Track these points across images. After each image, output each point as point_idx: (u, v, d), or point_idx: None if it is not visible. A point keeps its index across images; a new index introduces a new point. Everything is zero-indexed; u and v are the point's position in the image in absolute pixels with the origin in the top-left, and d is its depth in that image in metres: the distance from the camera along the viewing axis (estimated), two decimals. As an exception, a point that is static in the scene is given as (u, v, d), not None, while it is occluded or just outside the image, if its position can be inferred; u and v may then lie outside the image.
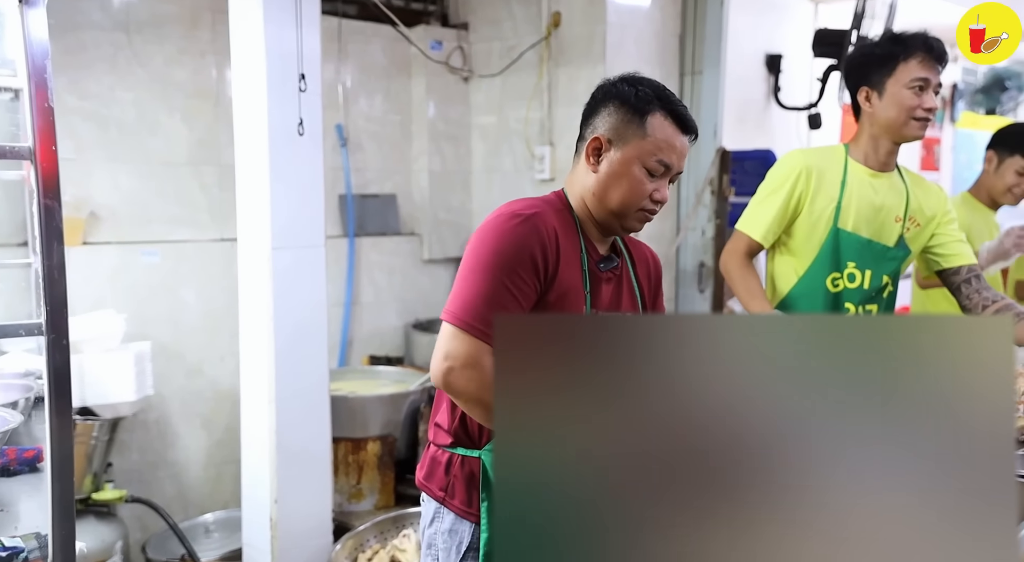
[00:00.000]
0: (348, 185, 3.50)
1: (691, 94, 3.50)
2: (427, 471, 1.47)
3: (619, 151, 1.37)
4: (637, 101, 1.36)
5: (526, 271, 1.29)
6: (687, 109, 1.40)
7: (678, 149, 1.37)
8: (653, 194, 1.38)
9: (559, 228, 1.35)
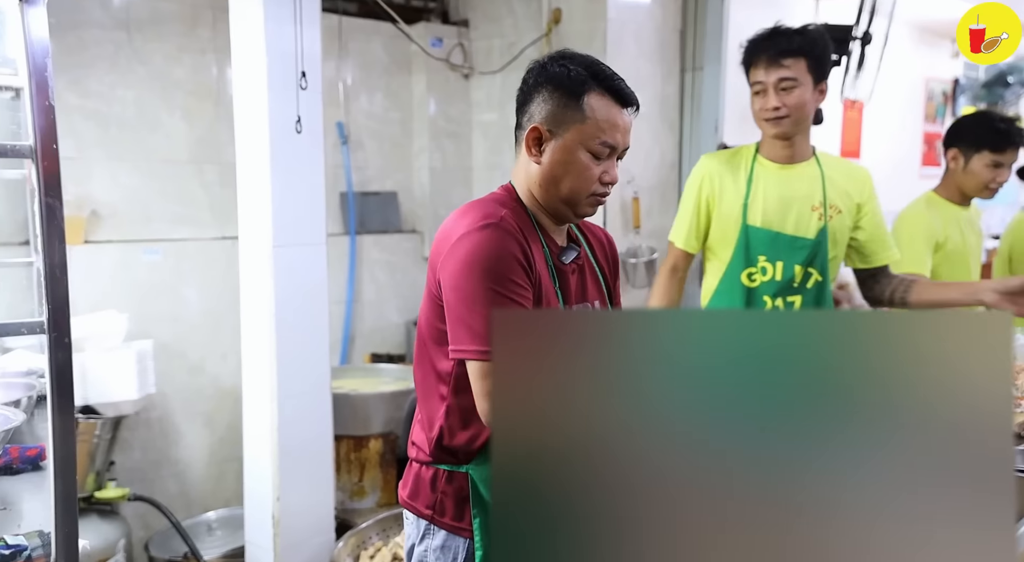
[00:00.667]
0: (349, 183, 3.50)
1: (692, 90, 3.49)
2: (411, 490, 1.41)
3: (560, 138, 1.31)
4: (571, 82, 1.29)
5: (518, 276, 1.24)
6: (623, 81, 1.34)
7: (620, 126, 1.32)
8: (602, 177, 1.32)
9: (523, 225, 1.30)
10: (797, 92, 1.99)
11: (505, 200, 1.36)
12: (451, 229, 1.30)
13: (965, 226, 2.67)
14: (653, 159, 3.41)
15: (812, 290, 2.09)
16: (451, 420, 1.34)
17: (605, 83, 1.31)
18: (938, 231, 2.61)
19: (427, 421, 1.39)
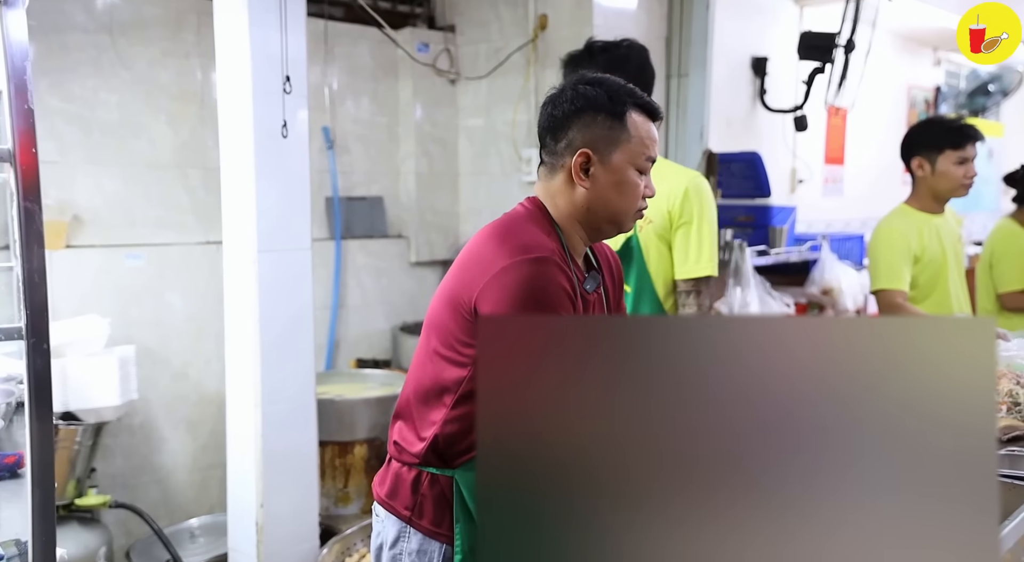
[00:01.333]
0: (335, 187, 3.49)
1: (677, 96, 3.51)
2: (390, 488, 1.40)
3: (608, 160, 1.33)
4: (612, 104, 1.33)
5: (567, 311, 1.25)
6: (650, 96, 1.40)
7: (656, 140, 1.38)
8: (645, 192, 1.37)
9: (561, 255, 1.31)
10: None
11: (541, 222, 1.34)
12: (494, 255, 1.27)
13: (943, 234, 2.69)
14: (639, 165, 3.42)
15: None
16: (449, 428, 1.34)
17: (639, 101, 1.35)
18: (914, 243, 2.63)
19: (420, 424, 1.38)
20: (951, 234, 2.73)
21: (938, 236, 2.67)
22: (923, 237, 2.64)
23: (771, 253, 3.71)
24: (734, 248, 3.49)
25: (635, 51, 2.01)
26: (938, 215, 2.70)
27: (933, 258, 2.65)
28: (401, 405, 1.43)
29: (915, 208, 2.70)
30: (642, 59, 1.99)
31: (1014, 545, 1.43)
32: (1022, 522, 1.35)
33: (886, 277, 2.61)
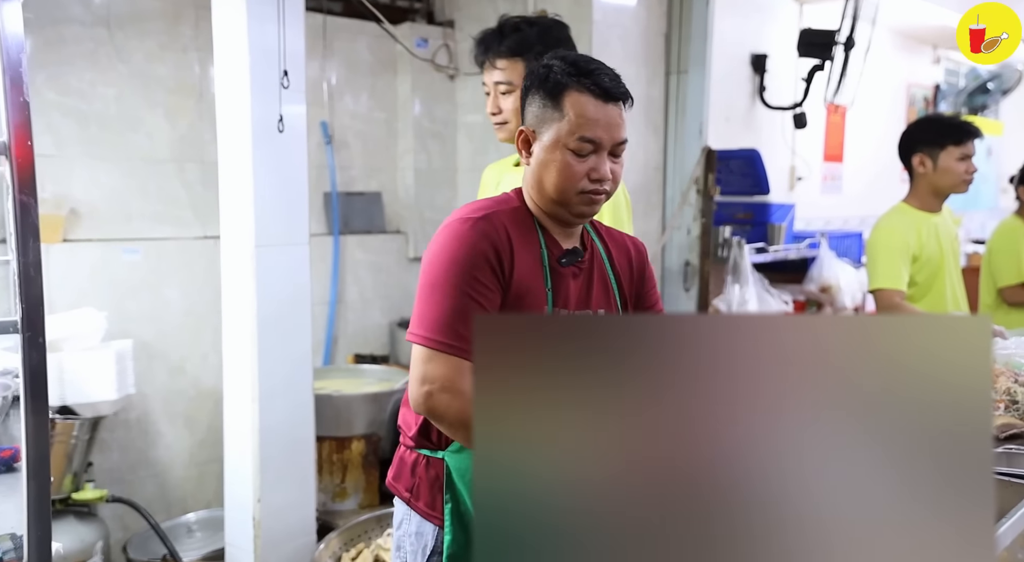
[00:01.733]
0: (333, 183, 3.48)
1: (676, 93, 3.50)
2: (395, 471, 1.45)
3: (543, 138, 1.31)
4: (552, 84, 1.30)
5: (484, 275, 1.26)
6: (609, 76, 1.31)
7: (602, 121, 1.29)
8: (590, 174, 1.30)
9: (512, 226, 1.31)
10: (512, 97, 1.82)
11: (507, 199, 1.38)
12: (445, 221, 1.34)
13: (941, 232, 2.69)
14: (638, 161, 3.42)
15: None
16: None
17: (588, 79, 1.29)
18: (913, 242, 2.63)
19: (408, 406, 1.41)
20: (949, 233, 2.74)
21: (936, 235, 2.67)
22: (921, 236, 2.64)
23: (769, 250, 3.72)
24: (732, 245, 3.49)
25: (548, 30, 1.87)
26: (936, 214, 2.70)
27: (931, 257, 2.65)
28: (403, 395, 1.47)
29: (914, 206, 2.70)
30: (554, 39, 1.87)
31: (1011, 543, 1.43)
32: (1019, 520, 1.35)
33: (884, 276, 2.61)
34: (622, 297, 1.46)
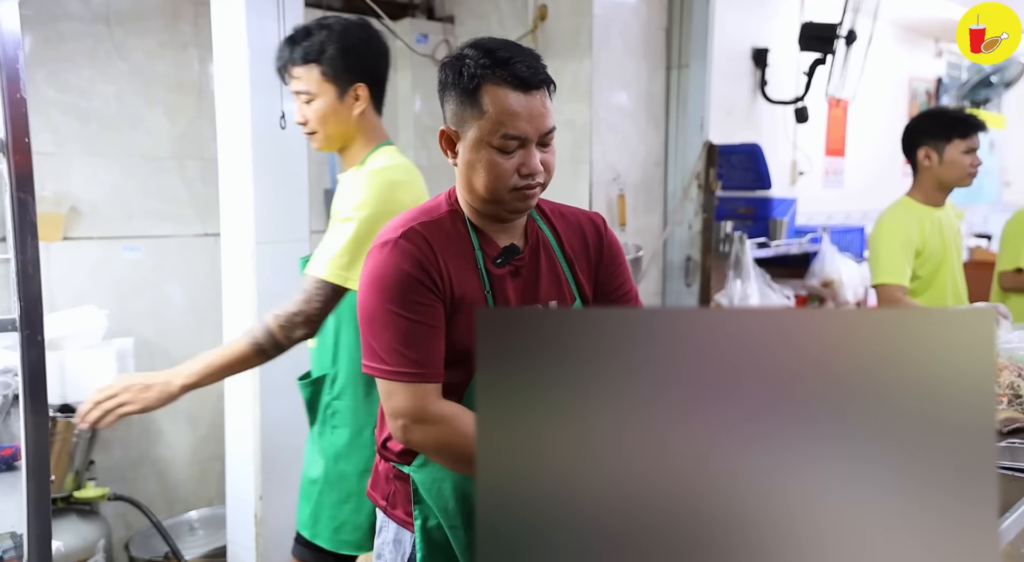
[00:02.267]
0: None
1: (677, 88, 3.49)
2: (372, 480, 1.45)
3: (465, 138, 1.23)
4: (465, 78, 1.21)
5: (418, 293, 1.21)
6: (526, 62, 1.21)
7: (523, 114, 1.20)
8: (520, 169, 1.22)
9: (436, 236, 1.25)
10: (315, 104, 1.74)
11: (434, 206, 1.32)
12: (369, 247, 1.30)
13: (944, 227, 2.68)
14: (639, 157, 3.41)
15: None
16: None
17: (501, 70, 1.19)
18: (916, 236, 2.62)
19: (382, 417, 1.39)
20: (951, 227, 2.73)
21: (939, 229, 2.67)
22: (924, 230, 2.63)
23: (771, 245, 3.71)
24: (734, 240, 3.49)
25: (345, 32, 1.74)
26: (939, 208, 2.69)
27: (933, 252, 2.65)
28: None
29: (917, 200, 2.69)
30: (354, 41, 1.74)
31: (1015, 537, 1.42)
32: (1022, 515, 1.34)
33: (887, 271, 2.60)
34: (577, 283, 1.37)
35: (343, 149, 1.82)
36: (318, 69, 1.73)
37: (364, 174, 1.73)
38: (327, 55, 1.72)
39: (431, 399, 1.22)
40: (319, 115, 1.75)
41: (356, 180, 1.73)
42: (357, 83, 1.75)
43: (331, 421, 1.82)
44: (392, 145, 1.86)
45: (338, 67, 1.73)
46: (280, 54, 1.79)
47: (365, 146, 1.81)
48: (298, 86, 1.75)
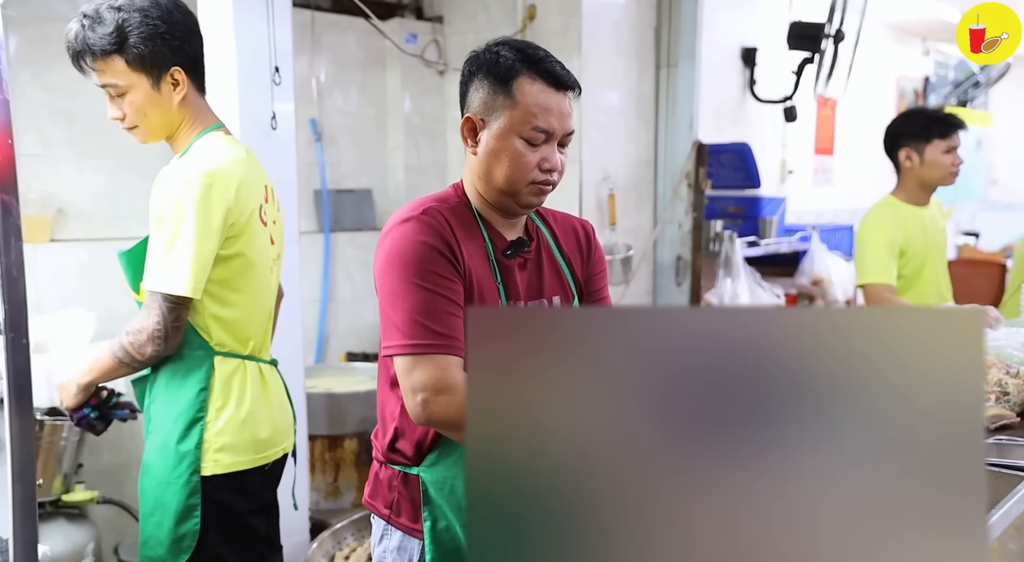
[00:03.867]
0: (323, 180, 3.46)
1: (667, 87, 3.50)
2: (371, 489, 1.41)
3: (492, 126, 1.26)
4: (500, 69, 1.25)
5: (441, 267, 1.21)
6: (559, 64, 1.28)
7: (555, 110, 1.25)
8: (541, 164, 1.26)
9: (454, 221, 1.27)
10: (129, 97, 1.60)
11: (446, 196, 1.33)
12: (384, 227, 1.29)
13: (928, 226, 2.70)
14: (629, 156, 3.41)
15: None
16: (404, 420, 1.32)
17: (537, 66, 1.25)
18: (900, 236, 2.63)
19: (383, 421, 1.38)
20: (936, 226, 2.74)
21: (923, 228, 2.68)
22: (908, 229, 2.65)
23: (761, 244, 3.72)
24: (724, 239, 3.49)
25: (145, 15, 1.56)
26: (924, 207, 2.71)
27: (917, 251, 2.66)
28: (377, 404, 1.43)
29: (901, 200, 2.70)
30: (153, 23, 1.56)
31: (1001, 533, 1.43)
32: (1009, 510, 1.35)
33: (873, 271, 2.61)
34: (575, 281, 1.42)
35: (170, 137, 1.70)
36: (122, 59, 1.56)
37: (177, 174, 1.58)
38: (129, 43, 1.55)
39: (453, 370, 1.18)
40: (136, 108, 1.61)
41: (173, 177, 1.58)
42: (172, 67, 1.61)
43: (148, 427, 1.69)
44: (219, 129, 1.71)
45: (144, 54, 1.57)
46: (71, 43, 1.59)
47: (189, 133, 1.68)
48: (104, 79, 1.59)
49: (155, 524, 1.61)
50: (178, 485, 1.60)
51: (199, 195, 1.54)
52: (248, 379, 1.68)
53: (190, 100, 1.66)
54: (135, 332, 1.56)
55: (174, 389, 1.62)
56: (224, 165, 1.60)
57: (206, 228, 1.54)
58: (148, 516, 1.63)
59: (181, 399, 1.62)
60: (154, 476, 1.63)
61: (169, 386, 1.63)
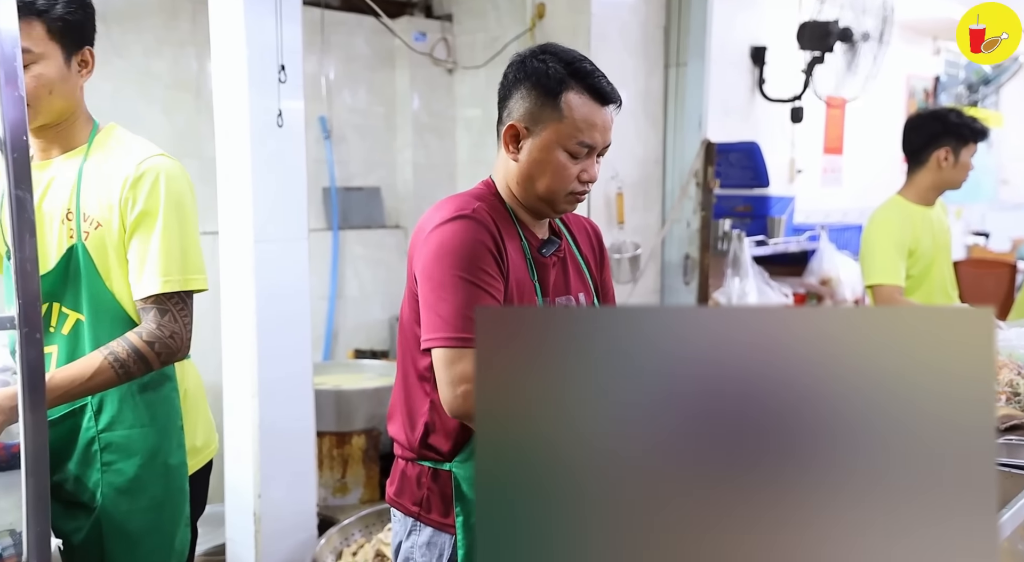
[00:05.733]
0: (332, 178, 3.47)
1: (676, 86, 3.49)
2: (398, 487, 1.41)
3: (537, 137, 1.29)
4: (549, 80, 1.28)
5: (489, 265, 1.24)
6: (605, 78, 1.31)
7: (599, 125, 1.30)
8: (580, 175, 1.31)
9: (497, 218, 1.30)
10: (38, 68, 1.38)
11: (483, 194, 1.36)
12: (426, 222, 1.31)
13: (935, 226, 2.69)
14: (637, 155, 3.41)
15: (70, 337, 1.46)
16: (434, 416, 1.33)
17: (585, 81, 1.29)
18: (908, 237, 2.62)
19: (410, 418, 1.38)
20: (942, 226, 2.74)
21: (931, 228, 2.67)
22: (916, 229, 2.64)
23: (769, 243, 3.71)
24: (732, 238, 3.49)
25: None
26: (931, 207, 2.70)
27: (925, 251, 2.65)
28: (394, 401, 1.43)
29: (909, 200, 2.69)
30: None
31: (1011, 533, 1.43)
32: (1019, 511, 1.35)
33: (881, 272, 2.60)
34: (593, 279, 1.47)
35: (56, 125, 1.47)
36: (42, 24, 1.38)
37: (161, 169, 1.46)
38: (56, 7, 1.39)
39: None
40: (43, 83, 1.39)
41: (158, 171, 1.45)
42: (87, 46, 1.47)
43: (101, 458, 1.45)
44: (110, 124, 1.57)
45: (71, 23, 1.41)
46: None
47: (85, 124, 1.53)
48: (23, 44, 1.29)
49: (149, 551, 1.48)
50: (174, 501, 1.50)
51: (189, 188, 1.51)
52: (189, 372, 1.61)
53: (82, 89, 1.51)
54: (163, 339, 1.42)
55: (152, 402, 1.47)
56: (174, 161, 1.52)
57: (197, 221, 1.52)
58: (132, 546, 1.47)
59: (162, 411, 1.48)
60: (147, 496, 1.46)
61: (144, 399, 1.46)
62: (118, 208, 1.42)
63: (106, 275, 1.44)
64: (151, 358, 1.41)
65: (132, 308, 1.47)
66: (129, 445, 1.45)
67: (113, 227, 1.43)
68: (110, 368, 1.37)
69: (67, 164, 1.47)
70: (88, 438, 1.45)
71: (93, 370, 1.37)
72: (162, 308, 1.44)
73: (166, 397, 1.50)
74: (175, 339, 1.44)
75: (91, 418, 1.45)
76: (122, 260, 1.45)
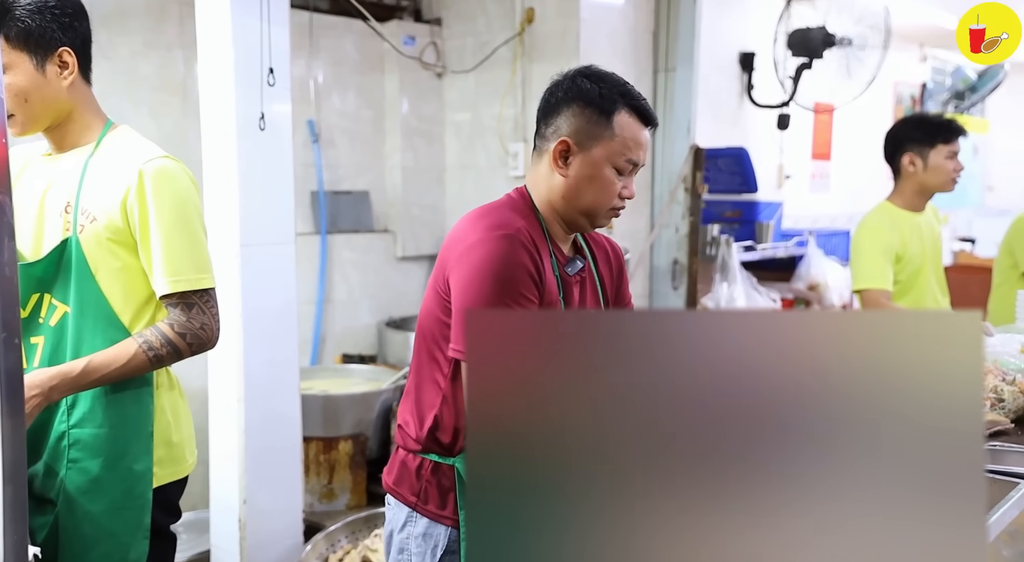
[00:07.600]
0: (320, 181, 3.46)
1: (664, 91, 3.50)
2: (397, 476, 1.45)
3: (588, 153, 1.36)
4: (602, 100, 1.36)
5: (527, 288, 1.29)
6: (647, 102, 1.41)
7: (644, 144, 1.39)
8: (622, 192, 1.39)
9: (535, 236, 1.35)
10: (7, 78, 1.39)
11: (520, 207, 1.40)
12: (466, 232, 1.34)
13: (924, 232, 2.70)
14: (626, 160, 3.41)
15: (56, 329, 1.46)
16: (445, 410, 1.38)
17: (633, 103, 1.37)
18: (896, 242, 2.63)
19: (420, 410, 1.41)
20: (932, 232, 2.75)
21: (919, 234, 2.69)
22: (904, 235, 2.65)
23: (757, 249, 3.73)
24: (720, 243, 3.50)
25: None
26: (919, 213, 2.71)
27: (913, 257, 2.67)
28: (408, 388, 1.47)
29: (897, 206, 2.71)
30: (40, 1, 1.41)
31: (995, 538, 1.44)
32: (1003, 516, 1.36)
33: (869, 276, 2.62)
34: (605, 299, 1.52)
35: (56, 128, 1.50)
36: (3, 38, 1.38)
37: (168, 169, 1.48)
38: (13, 15, 1.38)
39: None
40: (16, 92, 1.40)
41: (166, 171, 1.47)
42: (61, 48, 1.44)
43: (69, 454, 1.44)
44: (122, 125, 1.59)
45: (31, 30, 1.40)
46: None
47: (93, 121, 1.53)
48: None
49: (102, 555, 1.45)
50: (134, 508, 1.47)
51: (195, 188, 1.54)
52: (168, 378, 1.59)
53: (78, 86, 1.49)
54: (194, 331, 1.45)
55: (125, 403, 1.47)
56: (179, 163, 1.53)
57: (203, 221, 1.56)
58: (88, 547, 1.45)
59: (133, 414, 1.47)
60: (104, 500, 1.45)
61: (116, 399, 1.46)
62: (119, 207, 1.44)
63: (96, 270, 1.45)
64: (183, 348, 1.46)
65: (119, 306, 1.48)
66: (95, 444, 1.45)
67: (110, 224, 1.44)
68: (143, 355, 1.42)
69: (75, 159, 1.51)
70: (59, 432, 1.45)
71: (129, 356, 1.41)
72: (188, 303, 1.47)
73: (140, 400, 1.49)
74: (205, 330, 1.48)
75: (64, 413, 1.45)
76: (115, 257, 1.46)
